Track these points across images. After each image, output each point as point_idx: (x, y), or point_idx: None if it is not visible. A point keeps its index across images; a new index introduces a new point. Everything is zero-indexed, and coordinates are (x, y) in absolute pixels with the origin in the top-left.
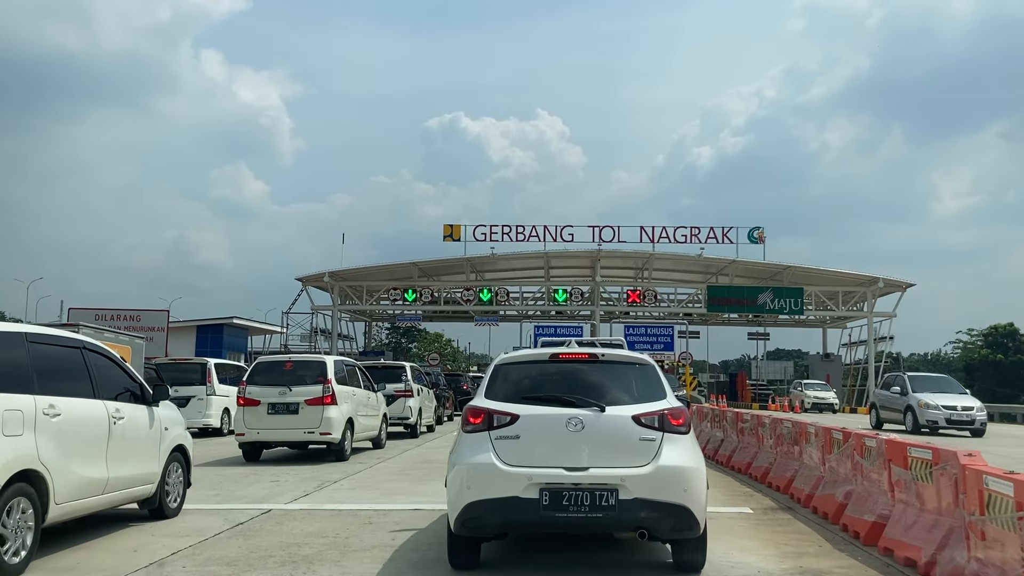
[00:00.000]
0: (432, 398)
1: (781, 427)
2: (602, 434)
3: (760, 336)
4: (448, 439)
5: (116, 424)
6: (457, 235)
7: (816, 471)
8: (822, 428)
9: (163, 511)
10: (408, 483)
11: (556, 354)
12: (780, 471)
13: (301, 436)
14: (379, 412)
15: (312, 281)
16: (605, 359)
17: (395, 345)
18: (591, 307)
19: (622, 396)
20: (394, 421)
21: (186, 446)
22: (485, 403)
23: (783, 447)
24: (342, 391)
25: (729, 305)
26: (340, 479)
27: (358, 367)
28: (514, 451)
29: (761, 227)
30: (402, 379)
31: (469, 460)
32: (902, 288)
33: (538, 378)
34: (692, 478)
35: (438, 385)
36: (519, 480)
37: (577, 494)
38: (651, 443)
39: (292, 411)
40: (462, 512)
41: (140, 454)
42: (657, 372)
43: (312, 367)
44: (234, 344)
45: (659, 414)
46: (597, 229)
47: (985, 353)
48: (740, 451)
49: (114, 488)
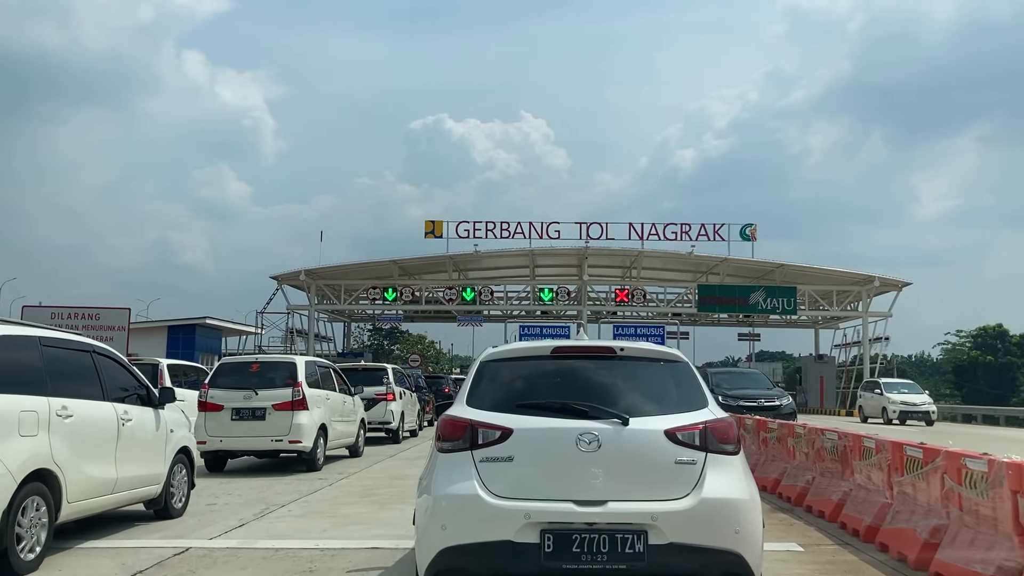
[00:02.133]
0: (415, 401)
1: (822, 439)
2: (625, 455)
3: (751, 337)
4: (429, 448)
5: (124, 426)
6: (439, 232)
7: (878, 496)
8: (888, 442)
9: (168, 511)
10: (371, 507)
11: (560, 347)
12: (823, 493)
13: (268, 444)
14: (356, 418)
15: (288, 279)
16: (625, 354)
17: (377, 347)
18: (578, 307)
19: (649, 404)
20: (375, 426)
21: (190, 448)
22: (467, 413)
23: (825, 463)
24: (314, 395)
25: (720, 305)
26: (291, 501)
27: (332, 369)
28: (506, 478)
29: (753, 224)
30: (383, 382)
31: (445, 490)
32: (898, 287)
33: (537, 379)
34: (746, 514)
35: (418, 388)
36: (513, 518)
37: (592, 538)
38: (691, 467)
39: (258, 417)
40: (434, 561)
41: (147, 455)
42: (693, 372)
43: (281, 369)
44: (207, 345)
45: (701, 428)
46: (584, 226)
47: (974, 355)
48: (764, 465)
49: (122, 488)
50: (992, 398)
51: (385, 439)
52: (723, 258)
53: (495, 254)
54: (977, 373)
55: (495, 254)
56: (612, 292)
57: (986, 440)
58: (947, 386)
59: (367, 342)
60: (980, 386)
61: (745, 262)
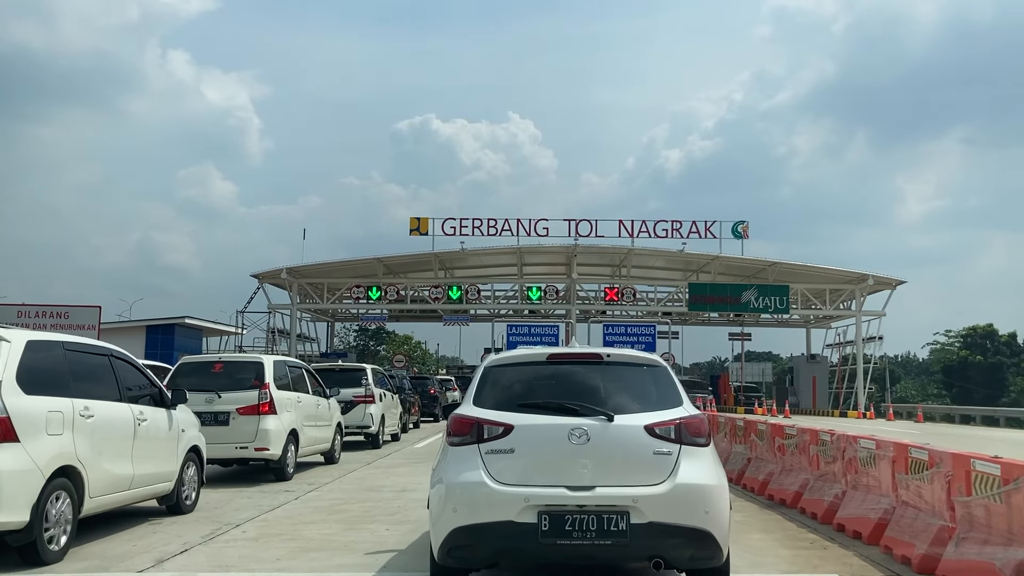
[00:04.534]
0: (397, 404)
1: (854, 448)
2: (610, 447)
3: (741, 336)
4: (410, 453)
5: (140, 425)
6: (424, 228)
7: (933, 518)
8: (947, 455)
9: (180, 507)
10: (338, 527)
11: (555, 354)
12: (857, 510)
13: (233, 452)
14: (331, 422)
15: (269, 278)
16: (611, 360)
17: (363, 348)
18: (566, 305)
19: (632, 403)
20: (353, 430)
21: (200, 447)
22: (473, 411)
23: (855, 474)
24: (283, 397)
25: (711, 304)
26: (247, 520)
27: (306, 369)
28: (508, 468)
29: (746, 221)
30: (362, 383)
31: (455, 478)
32: (892, 285)
33: (534, 382)
34: (715, 498)
35: (403, 389)
36: (514, 502)
37: (582, 518)
38: (667, 457)
39: (221, 422)
40: (447, 539)
41: (161, 453)
42: (671, 375)
43: (246, 369)
44: (187, 346)
45: (676, 423)
46: (573, 223)
47: (964, 354)
48: (782, 476)
49: (139, 484)
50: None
51: (364, 444)
52: (714, 256)
53: (482, 251)
54: (967, 373)
55: (482, 251)
56: (602, 291)
57: (1017, 447)
58: (935, 386)
59: (353, 343)
60: (970, 386)
61: (737, 260)
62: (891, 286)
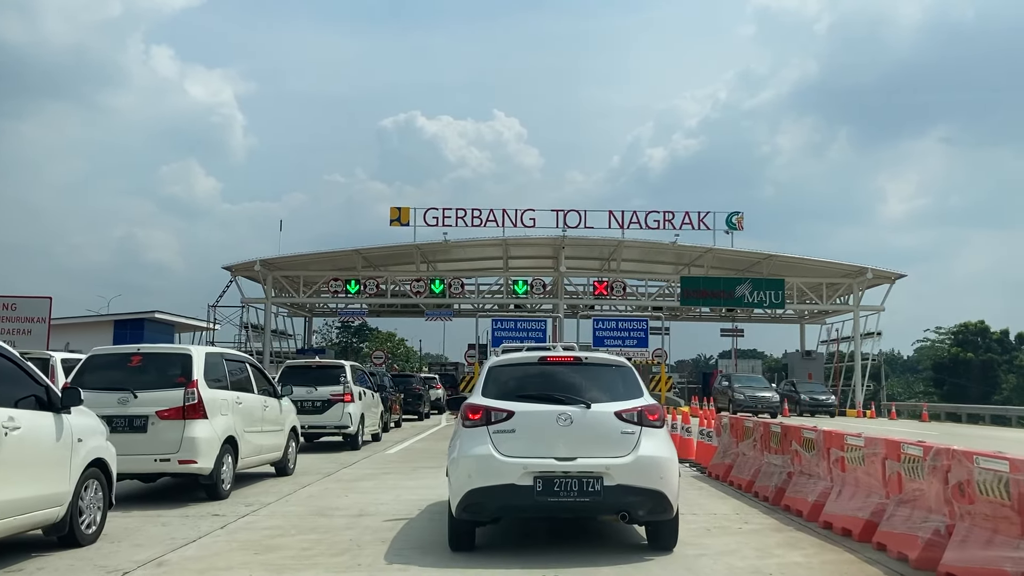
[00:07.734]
0: (378, 402)
1: (967, 469)
2: (588, 428)
3: (734, 332)
4: (380, 460)
5: (7, 435)
6: (406, 219)
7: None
8: None
9: (75, 537)
10: (266, 573)
11: (544, 357)
12: (978, 555)
13: (152, 465)
14: (284, 427)
15: (242, 270)
16: (588, 361)
17: (345, 344)
18: (554, 300)
19: (604, 394)
20: (331, 430)
21: (107, 460)
22: (483, 401)
23: (970, 504)
24: (217, 398)
25: (704, 298)
26: (140, 565)
27: (250, 364)
28: (510, 443)
29: (740, 212)
30: (340, 381)
31: (470, 452)
32: (891, 279)
33: (529, 378)
34: (667, 467)
35: (384, 387)
36: (515, 469)
37: (567, 481)
38: (631, 436)
39: (137, 428)
40: (464, 498)
41: (41, 471)
42: (634, 373)
43: (171, 363)
44: (157, 341)
45: (638, 410)
46: (561, 214)
47: (955, 352)
48: (843, 496)
49: (4, 514)
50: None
51: (342, 445)
52: (708, 248)
53: (466, 243)
54: (959, 370)
55: (466, 243)
56: (590, 284)
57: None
58: (924, 383)
59: (336, 339)
60: (962, 383)
61: (731, 253)
62: (890, 280)
